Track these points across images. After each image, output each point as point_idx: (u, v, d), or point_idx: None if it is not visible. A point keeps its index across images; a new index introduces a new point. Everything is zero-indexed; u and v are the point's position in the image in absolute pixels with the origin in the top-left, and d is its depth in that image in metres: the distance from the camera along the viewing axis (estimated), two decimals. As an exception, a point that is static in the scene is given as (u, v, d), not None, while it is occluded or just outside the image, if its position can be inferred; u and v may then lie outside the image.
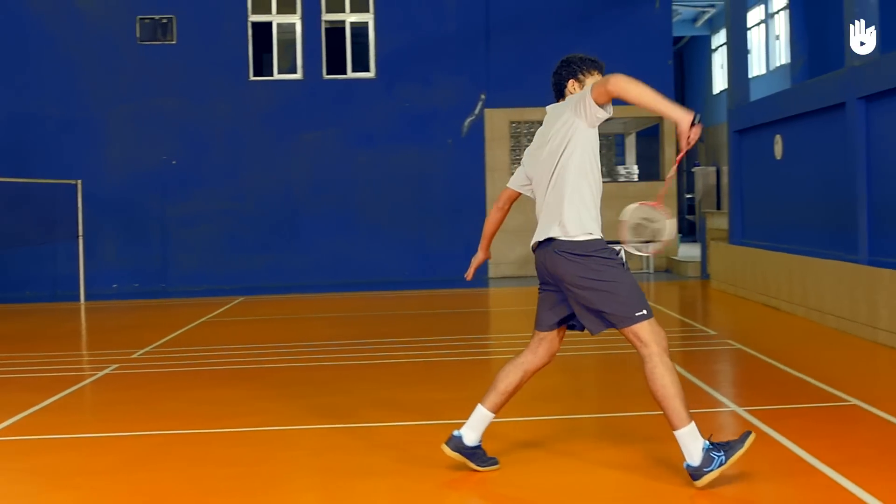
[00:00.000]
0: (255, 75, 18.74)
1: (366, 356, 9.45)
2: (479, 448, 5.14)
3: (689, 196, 27.97)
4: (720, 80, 26.99)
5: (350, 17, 18.85)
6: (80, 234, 16.77)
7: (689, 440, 4.66)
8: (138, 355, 9.87)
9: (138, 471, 5.49)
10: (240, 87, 18.57)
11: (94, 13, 18.41)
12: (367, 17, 18.79)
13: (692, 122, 4.50)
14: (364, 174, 18.64)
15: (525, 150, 5.26)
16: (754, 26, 24.37)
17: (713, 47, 28.17)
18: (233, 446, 6.04)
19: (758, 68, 24.24)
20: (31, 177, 16.44)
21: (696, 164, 27.45)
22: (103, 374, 8.83)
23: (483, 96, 18.77)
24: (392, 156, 18.66)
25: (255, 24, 18.73)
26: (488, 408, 5.10)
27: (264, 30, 18.83)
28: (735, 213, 15.05)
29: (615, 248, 4.85)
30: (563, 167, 4.81)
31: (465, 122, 18.80)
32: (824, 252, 11.32)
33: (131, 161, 18.36)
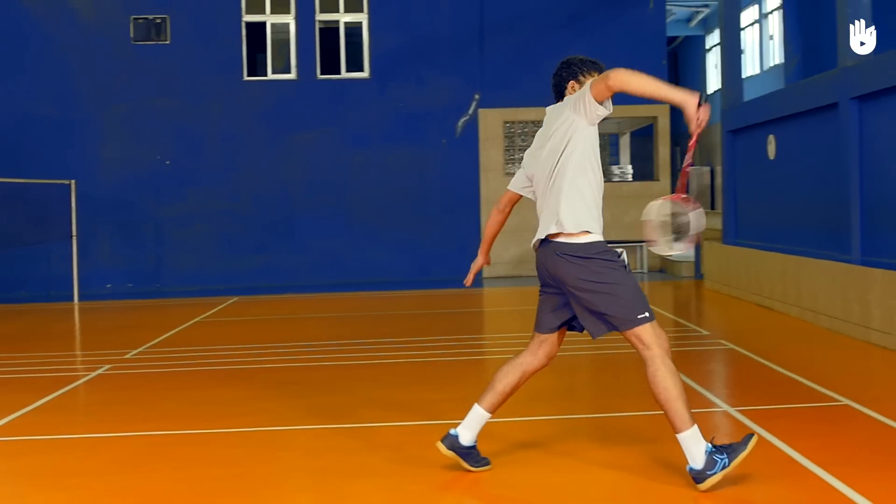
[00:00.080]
0: (249, 75, 18.73)
1: (361, 356, 9.46)
2: (474, 448, 5.15)
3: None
4: (714, 79, 27.04)
5: (344, 17, 18.85)
6: (73, 234, 16.75)
7: (691, 443, 4.64)
8: (132, 355, 9.87)
9: (131, 471, 5.49)
10: (234, 87, 18.56)
11: (87, 13, 18.38)
12: (361, 17, 18.79)
13: (699, 104, 4.46)
14: (358, 174, 18.64)
15: (520, 150, 5.26)
16: (748, 26, 24.42)
17: (707, 47, 28.23)
18: (227, 447, 6.04)
19: (752, 68, 24.30)
20: (24, 177, 16.41)
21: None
22: (97, 374, 8.83)
23: (477, 96, 18.78)
24: (386, 156, 18.66)
25: (248, 24, 18.72)
26: (485, 408, 5.09)
27: (258, 30, 18.81)
28: (729, 213, 15.07)
29: (617, 250, 4.85)
30: (562, 165, 4.80)
31: (460, 122, 18.80)
32: (817, 252, 11.34)
33: (125, 161, 18.34)
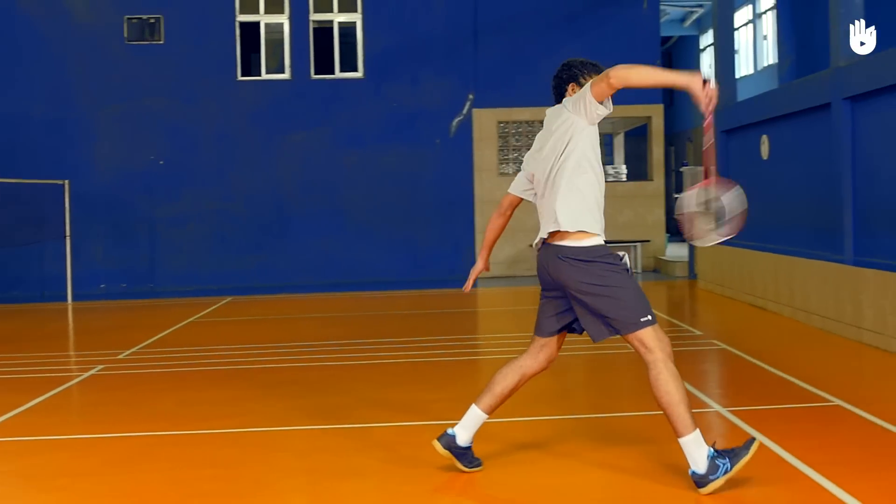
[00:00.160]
0: (243, 75, 18.71)
1: (355, 356, 9.45)
2: (469, 449, 5.15)
3: (677, 196, 28.02)
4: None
5: (338, 17, 18.83)
6: (67, 234, 16.72)
7: (693, 447, 4.63)
8: (125, 356, 9.86)
9: (123, 472, 5.49)
10: (228, 86, 18.54)
11: (81, 13, 18.34)
12: (356, 17, 18.78)
13: (704, 83, 4.45)
14: (352, 174, 18.62)
15: (514, 150, 5.26)
16: (742, 26, 24.45)
17: (701, 47, 28.25)
18: (219, 448, 6.04)
19: (745, 68, 24.33)
20: (18, 177, 16.37)
21: (685, 164, 27.52)
22: (89, 374, 8.82)
23: (471, 96, 18.78)
24: (380, 156, 18.65)
25: (242, 24, 18.70)
26: (482, 409, 5.09)
27: (252, 30, 18.80)
28: (722, 212, 15.06)
29: (619, 253, 4.84)
30: (562, 164, 4.80)
31: (454, 122, 18.80)
32: (810, 252, 11.37)
33: (119, 161, 18.31)
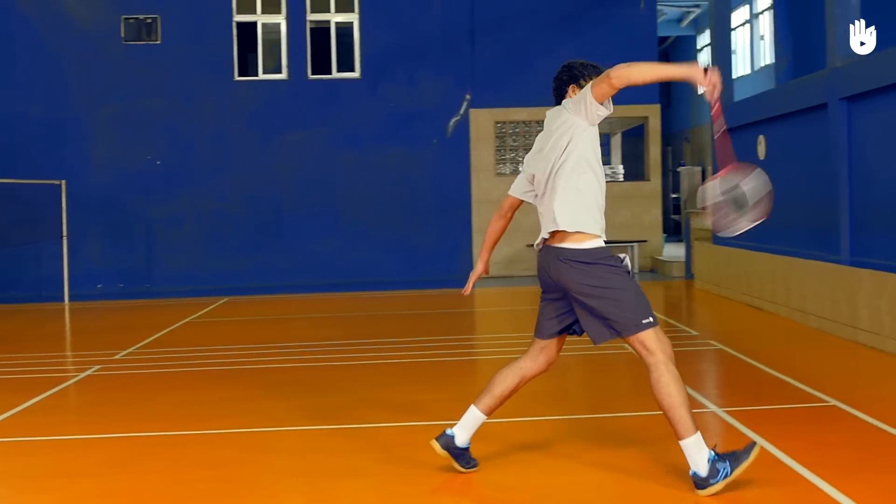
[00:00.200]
0: (239, 75, 18.70)
1: (352, 356, 9.45)
2: (467, 449, 5.15)
3: (674, 196, 28.06)
4: (705, 80, 27.05)
5: (335, 17, 18.83)
6: (64, 234, 16.70)
7: (694, 450, 4.62)
8: (122, 356, 9.85)
9: (119, 473, 5.49)
10: (225, 86, 18.53)
11: (78, 13, 18.33)
12: (352, 17, 18.77)
13: (705, 71, 4.47)
14: (349, 174, 18.62)
15: (511, 150, 5.25)
16: (739, 26, 24.46)
17: (698, 47, 28.26)
18: (215, 448, 6.04)
19: (742, 68, 24.35)
20: (15, 177, 16.35)
21: (682, 164, 27.54)
22: (86, 375, 8.81)
23: (468, 96, 18.78)
24: (377, 156, 18.65)
25: (239, 24, 18.68)
26: (482, 410, 5.09)
27: (249, 30, 18.79)
28: (719, 213, 15.07)
29: (620, 255, 4.84)
30: (561, 165, 4.80)
31: (451, 122, 18.80)
32: (807, 252, 11.38)
33: (116, 161, 18.29)
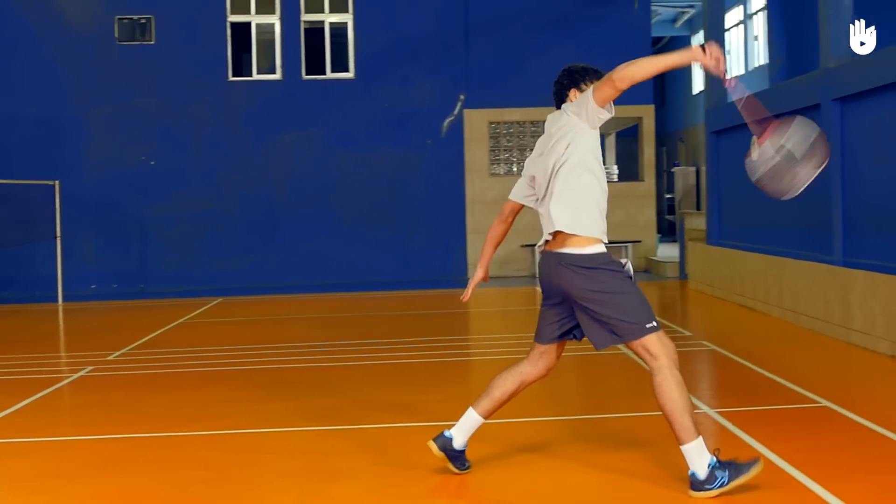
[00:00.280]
0: (234, 75, 18.68)
1: (346, 357, 9.45)
2: (463, 452, 5.15)
3: (668, 196, 28.08)
4: (699, 80, 27.10)
5: (329, 18, 18.82)
6: (58, 234, 16.67)
7: (695, 455, 4.62)
8: (115, 357, 9.84)
9: (111, 474, 5.48)
10: (219, 87, 18.51)
11: (72, 13, 18.30)
12: (347, 18, 18.77)
13: (703, 50, 4.50)
14: (343, 174, 18.61)
15: (506, 150, 5.24)
16: (733, 27, 24.49)
17: (693, 48, 28.25)
18: (207, 449, 6.03)
19: (736, 69, 24.37)
20: (8, 177, 16.32)
21: (676, 164, 27.56)
22: (79, 375, 8.80)
23: (462, 97, 18.79)
24: (371, 156, 18.64)
25: (233, 25, 18.67)
26: (480, 412, 5.09)
27: (243, 30, 18.77)
28: (713, 213, 15.12)
29: (621, 260, 4.84)
30: (561, 167, 4.80)
31: (445, 123, 18.81)
32: (799, 253, 11.39)
33: (110, 161, 18.27)
